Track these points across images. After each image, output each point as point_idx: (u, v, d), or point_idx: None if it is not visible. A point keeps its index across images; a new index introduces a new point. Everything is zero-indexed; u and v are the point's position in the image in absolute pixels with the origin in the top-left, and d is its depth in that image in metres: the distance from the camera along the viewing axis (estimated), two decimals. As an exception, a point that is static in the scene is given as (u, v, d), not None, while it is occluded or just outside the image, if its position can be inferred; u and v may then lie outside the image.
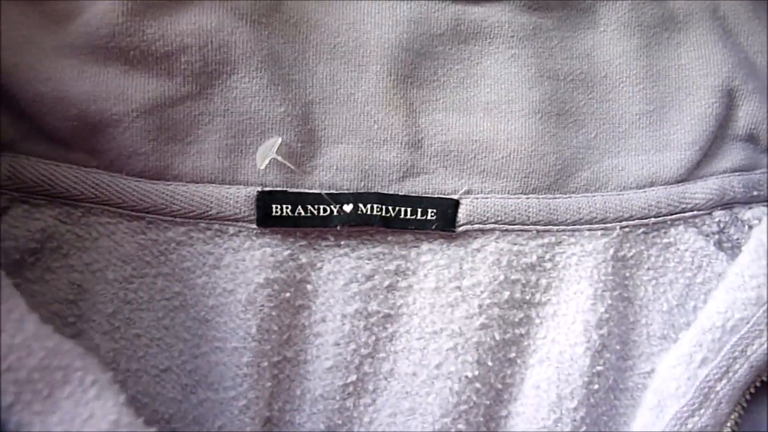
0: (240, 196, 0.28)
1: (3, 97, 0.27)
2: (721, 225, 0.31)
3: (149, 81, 0.27)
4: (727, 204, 0.31)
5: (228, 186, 0.28)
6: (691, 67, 0.31)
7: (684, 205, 0.31)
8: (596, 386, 0.30)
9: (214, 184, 0.28)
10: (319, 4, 0.28)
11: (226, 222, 0.28)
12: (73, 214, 0.28)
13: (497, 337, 0.30)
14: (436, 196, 0.29)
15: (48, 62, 0.27)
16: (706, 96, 0.31)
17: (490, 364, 0.30)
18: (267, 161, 0.28)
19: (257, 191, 0.28)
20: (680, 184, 0.31)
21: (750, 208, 0.31)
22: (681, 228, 0.31)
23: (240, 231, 0.29)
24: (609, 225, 0.30)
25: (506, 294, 0.30)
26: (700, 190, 0.31)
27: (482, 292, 0.30)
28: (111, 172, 0.28)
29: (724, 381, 0.27)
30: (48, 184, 0.27)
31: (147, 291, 0.29)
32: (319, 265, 0.29)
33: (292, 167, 0.29)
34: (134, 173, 0.28)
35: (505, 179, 0.30)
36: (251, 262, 0.29)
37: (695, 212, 0.31)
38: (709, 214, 0.31)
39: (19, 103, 0.27)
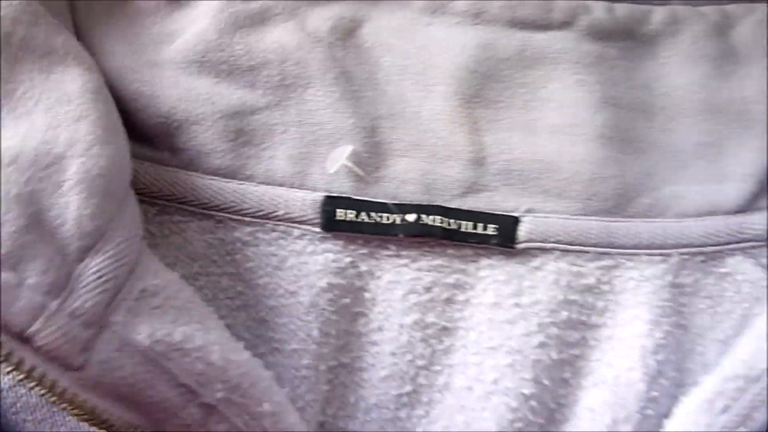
0: (307, 200, 0.29)
1: None
2: None
3: (234, 91, 0.29)
4: None
5: (297, 190, 0.29)
6: (750, 101, 0.32)
7: (742, 236, 0.31)
8: (651, 412, 0.29)
9: (283, 187, 0.29)
10: (393, 31, 0.30)
11: (291, 224, 0.29)
12: (149, 212, 0.29)
13: (554, 357, 0.30)
14: (497, 212, 0.30)
15: (148, 71, 0.29)
16: (765, 130, 0.31)
17: (546, 383, 0.29)
18: (337, 166, 0.29)
19: (324, 196, 0.29)
20: (738, 215, 0.31)
21: None
22: (739, 258, 0.31)
23: (304, 234, 0.29)
24: (667, 251, 0.30)
25: (564, 314, 0.30)
26: (758, 221, 0.31)
27: (542, 310, 0.30)
28: (188, 171, 0.29)
29: (741, 428, 0.27)
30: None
31: (211, 289, 0.29)
32: (378, 274, 0.30)
33: (361, 173, 0.29)
34: (209, 171, 0.29)
35: (567, 200, 0.30)
36: (314, 266, 0.29)
37: (753, 243, 0.31)
38: (767, 246, 0.31)
39: (119, 100, 0.28)
